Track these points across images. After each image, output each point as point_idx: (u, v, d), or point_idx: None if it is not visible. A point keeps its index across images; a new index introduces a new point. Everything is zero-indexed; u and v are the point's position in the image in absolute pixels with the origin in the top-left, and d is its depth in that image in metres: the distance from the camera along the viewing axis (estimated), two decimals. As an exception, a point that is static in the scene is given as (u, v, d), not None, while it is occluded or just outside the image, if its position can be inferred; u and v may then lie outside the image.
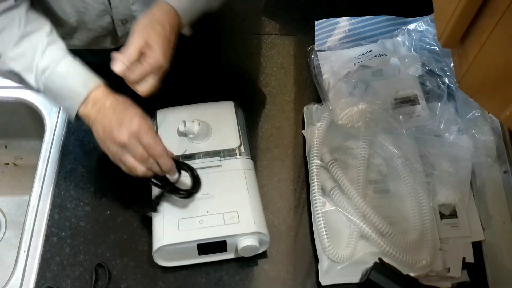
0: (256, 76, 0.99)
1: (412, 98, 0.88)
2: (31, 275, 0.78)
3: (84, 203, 0.84)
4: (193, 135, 0.80)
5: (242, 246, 0.72)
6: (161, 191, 0.75)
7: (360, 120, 0.84)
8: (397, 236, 0.77)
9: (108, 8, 0.76)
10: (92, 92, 0.69)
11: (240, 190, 0.76)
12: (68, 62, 0.70)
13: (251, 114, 0.91)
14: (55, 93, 0.70)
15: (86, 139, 0.91)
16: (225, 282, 0.78)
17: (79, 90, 0.68)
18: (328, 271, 0.76)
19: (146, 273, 0.78)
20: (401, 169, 0.83)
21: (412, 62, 0.89)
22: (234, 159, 0.80)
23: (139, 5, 0.76)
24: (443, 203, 0.81)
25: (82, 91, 0.68)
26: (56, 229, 0.82)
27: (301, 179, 0.87)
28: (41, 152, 0.90)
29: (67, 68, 0.69)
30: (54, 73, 0.68)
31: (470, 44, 0.45)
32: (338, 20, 0.98)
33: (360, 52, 0.95)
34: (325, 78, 0.91)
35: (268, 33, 1.05)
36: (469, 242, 0.80)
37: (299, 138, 0.91)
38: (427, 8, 0.58)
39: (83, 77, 0.69)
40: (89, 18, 0.77)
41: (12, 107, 0.98)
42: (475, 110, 0.84)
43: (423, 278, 0.76)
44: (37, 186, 0.86)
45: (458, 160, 0.82)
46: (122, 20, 0.79)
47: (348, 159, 0.85)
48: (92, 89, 0.69)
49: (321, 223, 0.79)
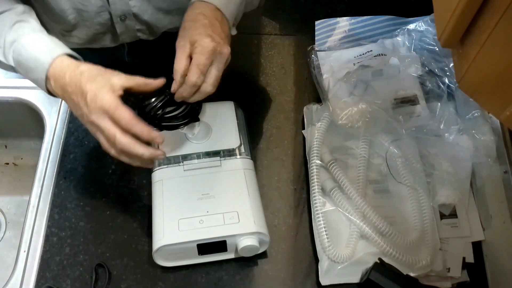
0: (256, 76, 0.99)
1: (412, 98, 0.88)
2: (31, 275, 0.78)
3: (84, 203, 0.84)
4: (193, 135, 0.80)
5: (242, 246, 0.72)
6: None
7: (360, 120, 0.84)
8: (397, 236, 0.77)
9: (106, 4, 0.76)
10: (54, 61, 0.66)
11: (240, 190, 0.76)
12: (35, 35, 0.68)
13: (251, 114, 0.91)
14: (24, 66, 0.68)
15: (86, 139, 0.91)
16: (225, 282, 0.78)
17: (43, 59, 0.66)
18: (328, 271, 0.76)
19: (146, 273, 0.78)
20: (401, 169, 0.83)
21: (412, 62, 0.89)
22: (234, 159, 0.80)
23: (137, 0, 0.76)
24: (443, 203, 0.81)
25: (46, 59, 0.66)
26: (56, 229, 0.82)
27: (301, 179, 0.87)
28: (41, 152, 0.90)
29: (33, 39, 0.68)
30: (20, 44, 0.67)
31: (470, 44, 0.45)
32: (338, 20, 0.98)
33: (360, 52, 0.95)
34: (325, 78, 0.91)
35: (268, 33, 1.05)
36: (469, 242, 0.80)
37: (299, 138, 0.91)
38: (427, 8, 0.58)
39: (48, 46, 0.68)
40: (88, 15, 0.77)
41: (12, 107, 0.98)
42: (475, 110, 0.84)
43: (423, 278, 0.76)
44: (37, 186, 0.86)
45: (458, 160, 0.82)
46: (121, 16, 0.78)
47: (348, 159, 0.85)
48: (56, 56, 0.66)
49: (321, 223, 0.79)
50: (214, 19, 0.68)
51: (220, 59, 0.66)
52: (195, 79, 0.65)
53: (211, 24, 0.67)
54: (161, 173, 0.79)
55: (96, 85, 0.63)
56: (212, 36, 0.65)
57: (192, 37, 0.65)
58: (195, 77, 0.65)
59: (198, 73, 0.64)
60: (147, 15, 0.80)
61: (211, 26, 0.66)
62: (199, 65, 0.64)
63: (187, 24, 0.67)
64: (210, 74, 0.66)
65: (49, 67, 0.66)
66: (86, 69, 0.66)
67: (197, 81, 0.65)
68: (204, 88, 0.66)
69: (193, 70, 0.65)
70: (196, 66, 0.64)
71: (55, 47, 0.68)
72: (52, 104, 0.95)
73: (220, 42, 0.65)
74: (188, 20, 0.67)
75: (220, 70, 0.67)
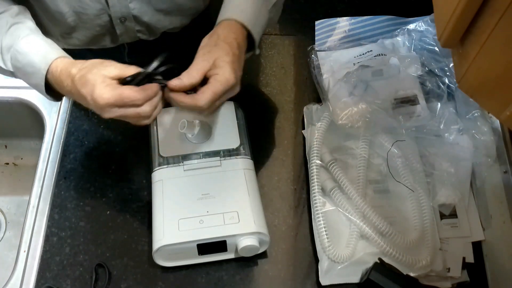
0: (256, 76, 0.99)
1: (412, 98, 0.88)
2: (31, 275, 0.78)
3: (84, 203, 0.84)
4: (193, 135, 0.80)
5: (242, 246, 0.72)
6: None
7: (360, 120, 0.84)
8: (397, 236, 0.77)
9: (105, 7, 0.76)
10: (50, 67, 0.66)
11: (240, 190, 0.76)
12: (31, 39, 0.68)
13: (251, 114, 0.91)
14: (22, 72, 0.68)
15: (86, 139, 0.91)
16: (225, 282, 0.78)
17: (39, 65, 0.66)
18: (328, 271, 0.76)
19: (146, 273, 0.78)
20: (401, 169, 0.83)
21: (412, 62, 0.89)
22: (234, 159, 0.80)
23: (137, 3, 0.76)
24: (443, 203, 0.81)
25: (42, 64, 0.66)
26: (56, 229, 0.82)
27: (301, 179, 0.87)
28: (41, 152, 0.90)
29: (29, 44, 0.67)
30: (16, 50, 0.67)
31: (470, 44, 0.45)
32: (338, 20, 0.98)
33: (360, 52, 0.95)
34: (325, 78, 0.91)
35: (268, 33, 1.05)
36: (469, 242, 0.80)
37: (299, 138, 0.91)
38: (427, 8, 0.58)
39: (44, 50, 0.67)
40: (87, 18, 0.77)
41: (12, 107, 0.98)
42: (475, 110, 0.84)
43: (423, 278, 0.76)
44: (37, 186, 0.86)
45: (458, 160, 0.82)
46: (121, 18, 0.78)
47: (348, 159, 0.85)
48: (51, 61, 0.66)
49: (321, 223, 0.79)
50: (243, 52, 0.68)
51: (230, 94, 0.67)
52: (203, 104, 0.64)
53: (239, 59, 0.67)
54: (161, 173, 0.79)
55: (88, 87, 0.63)
56: (236, 72, 0.65)
57: (219, 61, 0.64)
58: (204, 102, 0.64)
59: (210, 100, 0.64)
60: (147, 16, 0.80)
61: (238, 61, 0.67)
62: (215, 93, 0.64)
63: (221, 44, 0.66)
64: (216, 104, 0.66)
65: (46, 73, 0.66)
66: (76, 72, 0.65)
67: (204, 107, 0.64)
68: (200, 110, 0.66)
69: (207, 96, 0.63)
70: (213, 93, 0.64)
71: (49, 52, 0.67)
72: (52, 104, 0.95)
73: (238, 80, 0.66)
74: (223, 40, 0.66)
75: (223, 102, 0.67)
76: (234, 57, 0.66)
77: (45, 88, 0.69)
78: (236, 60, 0.66)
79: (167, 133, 0.82)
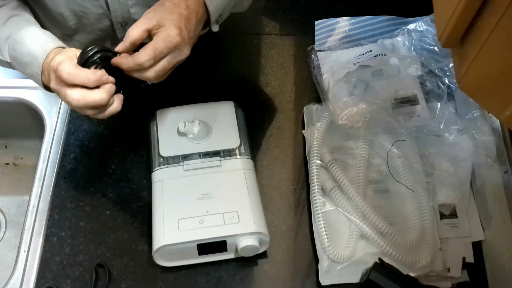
0: (256, 76, 0.99)
1: (412, 98, 0.88)
2: (31, 275, 0.78)
3: (84, 203, 0.84)
4: (193, 135, 0.80)
5: (242, 246, 0.72)
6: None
7: (360, 120, 0.84)
8: (397, 236, 0.77)
9: (106, 11, 0.76)
10: (48, 56, 0.65)
11: (240, 190, 0.76)
12: (29, 29, 0.67)
13: (251, 114, 0.91)
14: (19, 61, 0.67)
15: (86, 139, 0.91)
16: (225, 282, 0.78)
17: (37, 53, 0.65)
18: (328, 271, 0.76)
19: (146, 273, 0.78)
20: (401, 169, 0.83)
21: (412, 62, 0.89)
22: (234, 159, 0.80)
23: (138, 8, 0.76)
24: (443, 203, 0.81)
25: (40, 53, 0.65)
26: (56, 229, 0.82)
27: (301, 179, 0.87)
28: (41, 152, 0.90)
29: (27, 33, 0.67)
30: (14, 40, 0.66)
31: (470, 44, 0.45)
32: (338, 20, 0.98)
33: (360, 52, 0.95)
34: (325, 78, 0.91)
35: (268, 33, 1.05)
36: (469, 242, 0.80)
37: (299, 138, 0.91)
38: (427, 8, 0.58)
39: (42, 40, 0.67)
40: (88, 22, 0.77)
41: (12, 107, 0.98)
42: (475, 110, 0.84)
43: (423, 278, 0.76)
44: (37, 186, 0.86)
45: (458, 160, 0.82)
46: (122, 23, 0.78)
47: (348, 159, 0.85)
48: (50, 50, 0.65)
49: (321, 223, 0.79)
50: (193, 15, 0.65)
51: (176, 55, 0.64)
52: (144, 59, 0.61)
53: (187, 18, 0.64)
54: (161, 173, 0.79)
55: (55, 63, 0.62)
56: (181, 30, 0.62)
57: (163, 18, 0.62)
58: (145, 58, 0.61)
59: (151, 55, 0.61)
60: None
61: (186, 20, 0.63)
62: (155, 49, 0.61)
63: (167, 4, 0.64)
64: (160, 63, 0.63)
65: (43, 61, 0.66)
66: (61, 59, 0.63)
67: (145, 63, 0.62)
68: (146, 73, 0.63)
69: (147, 51, 0.61)
70: (153, 49, 0.61)
71: (48, 41, 0.67)
72: (52, 104, 0.95)
73: (185, 39, 0.63)
74: (169, 1, 0.64)
75: (171, 65, 0.64)
76: (181, 16, 0.62)
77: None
78: (183, 20, 0.62)
79: (167, 133, 0.83)
